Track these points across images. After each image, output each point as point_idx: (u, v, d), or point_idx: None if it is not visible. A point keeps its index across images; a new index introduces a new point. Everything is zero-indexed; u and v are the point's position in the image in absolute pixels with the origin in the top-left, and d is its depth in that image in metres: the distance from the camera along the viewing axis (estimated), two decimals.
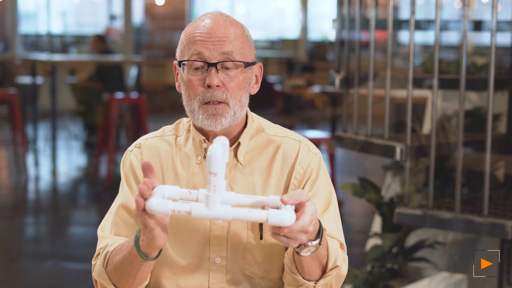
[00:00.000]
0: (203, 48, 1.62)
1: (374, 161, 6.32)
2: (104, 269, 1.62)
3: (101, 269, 1.63)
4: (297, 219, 1.39)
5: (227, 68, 1.63)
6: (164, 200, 1.37)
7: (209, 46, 1.62)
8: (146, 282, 1.65)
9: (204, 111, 1.62)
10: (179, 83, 1.71)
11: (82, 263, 4.32)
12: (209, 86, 1.61)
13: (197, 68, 1.63)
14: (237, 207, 1.38)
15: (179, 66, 1.67)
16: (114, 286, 1.62)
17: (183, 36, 1.67)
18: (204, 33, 1.62)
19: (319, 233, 1.49)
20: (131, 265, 1.56)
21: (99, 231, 1.70)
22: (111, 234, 1.68)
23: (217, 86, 1.61)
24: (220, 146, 1.34)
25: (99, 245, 1.68)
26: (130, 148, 1.76)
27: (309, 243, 1.48)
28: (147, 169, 1.44)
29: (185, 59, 1.64)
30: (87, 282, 3.97)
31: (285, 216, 1.35)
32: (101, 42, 8.67)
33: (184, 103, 1.67)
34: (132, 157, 1.73)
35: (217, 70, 1.62)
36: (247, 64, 1.65)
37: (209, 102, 1.62)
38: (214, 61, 1.61)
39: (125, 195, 1.70)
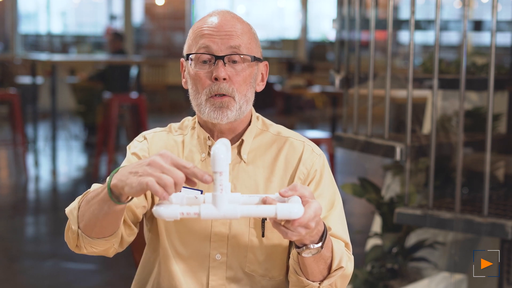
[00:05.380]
0: (210, 42, 1.63)
1: (374, 161, 6.33)
2: (78, 206, 1.57)
3: (75, 205, 1.58)
4: None
5: (234, 62, 1.64)
6: (172, 205, 1.36)
7: (216, 40, 1.63)
8: (115, 236, 1.59)
9: (211, 104, 1.63)
10: (185, 80, 1.72)
11: (82, 263, 4.32)
12: (216, 79, 1.62)
13: (204, 62, 1.64)
14: (244, 205, 1.37)
15: (187, 59, 1.68)
16: (78, 227, 1.58)
17: (190, 32, 1.69)
18: (212, 28, 1.64)
19: (322, 235, 1.49)
20: (96, 199, 1.50)
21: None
22: None
23: (224, 79, 1.62)
24: (223, 146, 1.34)
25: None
26: (138, 138, 1.76)
27: (311, 246, 1.47)
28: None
29: (193, 52, 1.65)
30: (87, 282, 3.97)
31: (294, 209, 1.35)
32: (118, 40, 8.43)
33: (191, 97, 1.68)
34: (138, 145, 1.74)
35: (224, 63, 1.63)
36: (254, 58, 1.66)
37: (215, 95, 1.63)
38: (221, 54, 1.63)
39: None
